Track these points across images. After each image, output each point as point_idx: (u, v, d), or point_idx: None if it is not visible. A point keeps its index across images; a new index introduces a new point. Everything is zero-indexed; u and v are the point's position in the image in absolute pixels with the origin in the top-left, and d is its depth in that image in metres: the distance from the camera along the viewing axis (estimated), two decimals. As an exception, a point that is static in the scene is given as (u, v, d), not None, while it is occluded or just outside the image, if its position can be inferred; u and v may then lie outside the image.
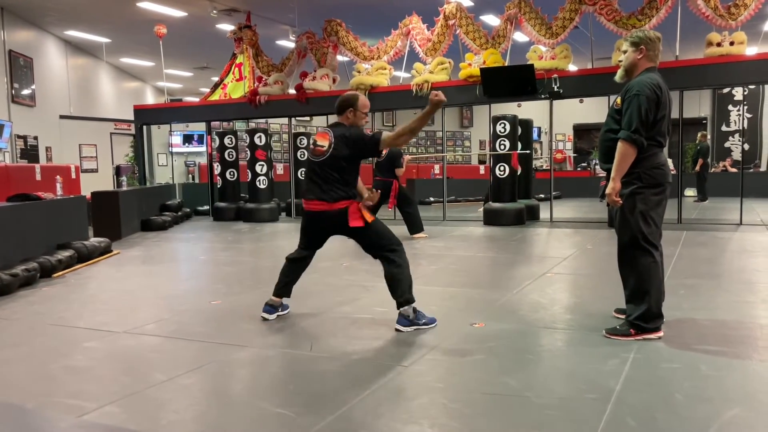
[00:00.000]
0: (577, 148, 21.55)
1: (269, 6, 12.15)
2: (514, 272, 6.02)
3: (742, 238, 7.74)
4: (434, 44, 10.73)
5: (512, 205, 10.09)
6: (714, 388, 2.81)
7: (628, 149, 3.39)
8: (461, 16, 10.51)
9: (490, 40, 10.33)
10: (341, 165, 3.91)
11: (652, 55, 3.56)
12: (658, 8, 9.10)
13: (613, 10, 9.36)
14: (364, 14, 12.39)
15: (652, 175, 3.46)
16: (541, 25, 9.89)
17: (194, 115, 13.58)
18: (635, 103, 3.38)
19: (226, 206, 12.22)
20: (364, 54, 11.50)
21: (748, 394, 2.75)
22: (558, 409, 2.60)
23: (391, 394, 2.82)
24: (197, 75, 19.09)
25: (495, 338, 3.63)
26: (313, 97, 11.67)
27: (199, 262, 7.41)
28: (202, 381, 3.11)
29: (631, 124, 3.37)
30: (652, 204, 3.49)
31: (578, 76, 10.19)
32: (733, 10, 8.71)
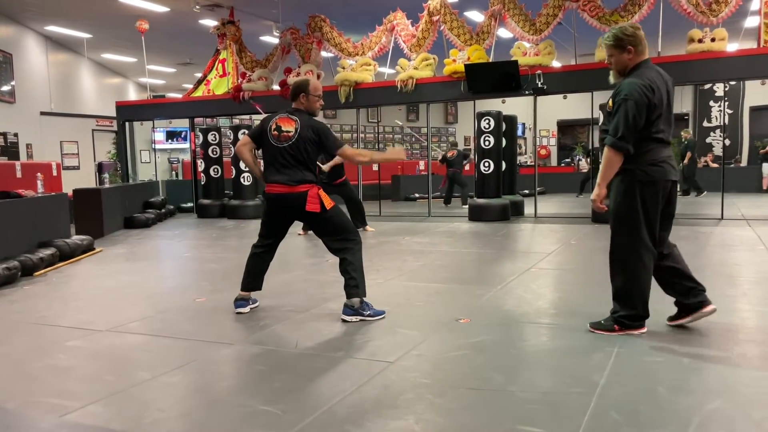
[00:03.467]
0: (561, 144, 21.68)
1: (253, 1, 12.06)
2: (499, 268, 6.05)
3: (723, 233, 7.84)
4: (419, 40, 10.74)
5: (497, 201, 10.13)
6: (696, 381, 2.85)
7: (613, 156, 3.30)
8: (445, 12, 10.52)
9: (474, 36, 10.35)
10: (306, 149, 4.02)
11: (641, 48, 3.40)
12: (640, 5, 9.18)
13: (596, 6, 9.43)
14: (348, 10, 12.35)
15: (648, 173, 3.33)
16: (524, 21, 9.93)
17: (177, 112, 13.47)
18: (623, 109, 3.26)
19: (210, 203, 12.15)
20: (349, 50, 11.47)
21: (729, 387, 2.79)
22: (543, 403, 2.62)
23: (377, 390, 2.83)
24: (180, 71, 18.93)
25: (480, 334, 3.65)
26: (298, 93, 11.59)
27: (183, 260, 7.36)
28: (186, 379, 3.09)
29: (617, 131, 3.26)
30: (647, 204, 3.36)
31: (562, 72, 10.25)
32: (714, 7, 8.80)
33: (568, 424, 2.40)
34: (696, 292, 3.52)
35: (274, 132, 4.08)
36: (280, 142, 4.04)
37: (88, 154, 15.96)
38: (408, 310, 4.27)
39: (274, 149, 4.07)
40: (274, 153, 4.07)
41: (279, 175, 4.03)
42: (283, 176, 4.02)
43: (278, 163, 4.04)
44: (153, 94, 16.98)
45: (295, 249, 7.69)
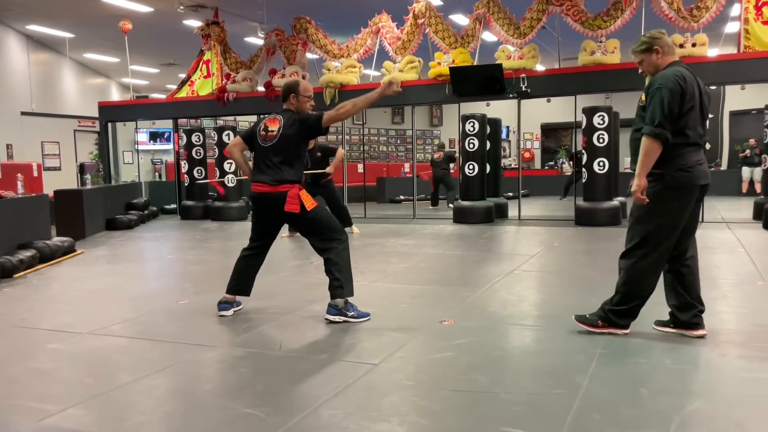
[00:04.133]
0: (545, 147, 21.83)
1: (237, 2, 12.01)
2: (483, 270, 6.07)
3: (703, 236, 7.92)
4: (404, 43, 10.76)
5: (481, 203, 10.17)
6: (677, 382, 2.88)
7: (652, 144, 3.25)
8: (430, 15, 10.55)
9: (459, 39, 10.39)
10: (289, 147, 4.03)
11: (668, 49, 3.43)
12: (623, 9, 9.28)
13: (580, 11, 9.51)
14: (334, 12, 12.34)
15: (676, 178, 3.28)
16: (509, 25, 9.99)
17: (161, 113, 13.37)
18: (657, 97, 3.26)
19: (193, 205, 12.05)
20: (334, 52, 11.46)
21: (709, 387, 2.83)
22: (526, 404, 2.64)
23: (361, 393, 2.82)
24: (164, 71, 18.79)
25: (464, 335, 3.66)
26: (283, 94, 11.56)
27: (166, 262, 7.30)
28: (169, 382, 3.06)
29: (654, 119, 3.24)
30: (673, 210, 3.33)
31: (546, 75, 10.32)
32: (695, 13, 8.92)
33: (551, 426, 2.41)
34: (695, 312, 3.46)
35: (261, 132, 4.12)
36: (265, 142, 4.08)
37: (69, 155, 15.78)
38: (392, 312, 4.27)
39: (260, 149, 4.10)
40: (260, 153, 4.10)
41: (262, 175, 4.05)
42: (265, 176, 4.03)
43: (263, 163, 4.07)
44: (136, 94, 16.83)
45: (280, 251, 7.66)
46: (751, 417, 2.47)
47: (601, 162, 9.28)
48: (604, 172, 9.30)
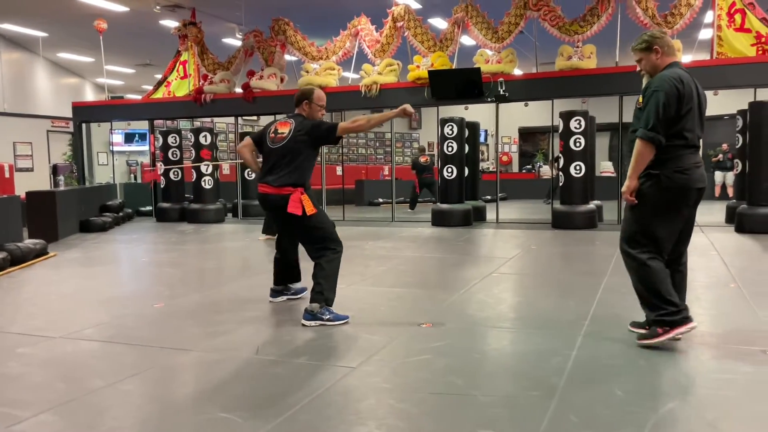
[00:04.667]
0: (522, 150, 22.01)
1: (215, 3, 11.92)
2: (461, 272, 6.09)
3: (677, 239, 8.04)
4: (383, 46, 10.77)
5: (460, 207, 10.21)
6: (652, 384, 2.91)
7: (645, 147, 3.23)
8: (409, 18, 10.58)
9: (437, 42, 10.44)
10: (297, 151, 4.06)
11: (668, 50, 3.39)
12: (599, 15, 9.40)
13: (557, 16, 9.61)
14: (312, 14, 12.31)
15: (672, 179, 3.25)
16: (487, 29, 10.06)
17: (136, 113, 13.21)
18: (653, 100, 3.23)
19: (169, 207, 11.92)
20: (313, 54, 11.43)
21: (683, 389, 2.86)
22: (503, 407, 2.64)
23: (339, 396, 2.81)
24: (140, 72, 18.57)
25: (442, 338, 3.66)
26: (261, 96, 11.52)
27: (141, 264, 7.20)
28: (143, 386, 3.01)
29: (649, 122, 3.21)
30: (669, 212, 3.29)
31: (523, 80, 10.40)
32: (670, 19, 9.07)
33: (527, 428, 2.42)
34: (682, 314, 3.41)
35: (271, 134, 4.19)
36: (274, 144, 4.12)
37: (42, 156, 15.49)
38: (371, 315, 4.26)
39: (269, 150, 4.16)
40: (268, 154, 4.17)
41: (268, 176, 4.11)
42: (271, 177, 4.09)
43: (270, 163, 4.12)
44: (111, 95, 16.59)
45: (257, 253, 7.61)
46: (724, 417, 2.51)
47: (577, 166, 9.38)
48: (580, 175, 9.40)
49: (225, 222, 11.57)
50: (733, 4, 8.74)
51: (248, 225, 10.93)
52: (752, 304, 4.34)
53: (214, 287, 5.50)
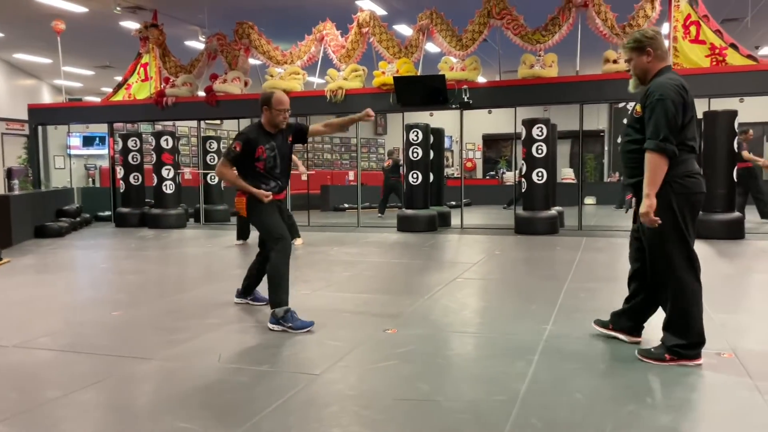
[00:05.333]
0: (486, 157, 22.26)
1: (177, 5, 11.75)
2: (426, 278, 6.11)
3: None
4: (348, 51, 10.78)
5: (425, 212, 10.26)
6: (612, 387, 2.97)
7: (659, 160, 3.03)
8: (374, 24, 10.61)
9: (402, 49, 10.49)
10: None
11: (660, 53, 3.21)
12: (560, 25, 9.58)
13: (519, 25, 9.77)
14: (277, 18, 12.24)
15: (684, 184, 3.09)
16: (451, 36, 10.16)
17: (95, 116, 12.92)
18: (660, 109, 3.03)
19: (129, 212, 11.67)
20: (277, 58, 11.37)
21: (642, 391, 2.92)
22: (467, 412, 2.66)
23: (302, 404, 2.78)
24: (99, 74, 18.17)
25: (407, 344, 3.66)
26: (224, 99, 11.39)
27: (99, 271, 7.02)
28: (100, 396, 2.93)
29: (659, 133, 3.02)
30: (686, 218, 3.12)
31: (487, 87, 10.53)
32: (628, 30, 9.29)
33: (491, 432, 2.43)
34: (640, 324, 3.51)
35: None
36: None
37: (-5, 159, 15.03)
38: (335, 321, 4.24)
39: None
40: None
41: None
42: None
43: None
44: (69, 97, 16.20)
45: (220, 259, 7.50)
46: (682, 419, 2.56)
47: (539, 172, 9.52)
48: (542, 182, 9.54)
49: (187, 227, 11.38)
50: (688, 17, 9.01)
51: (210, 230, 10.78)
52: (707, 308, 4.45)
53: (175, 294, 5.39)
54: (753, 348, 3.53)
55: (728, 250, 7.42)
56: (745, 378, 3.00)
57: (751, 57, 8.92)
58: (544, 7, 9.68)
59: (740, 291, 5.37)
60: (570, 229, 9.97)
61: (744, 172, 9.85)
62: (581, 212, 10.30)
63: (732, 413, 2.65)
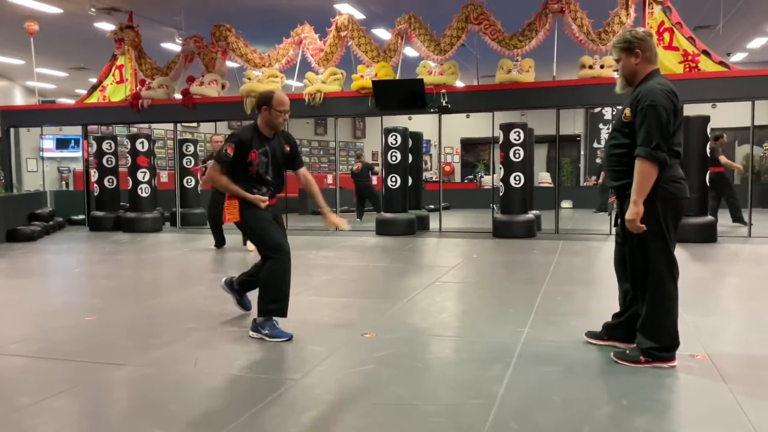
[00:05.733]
0: (464, 161, 22.37)
1: (153, 7, 11.62)
2: (405, 281, 6.11)
3: (611, 248, 8.28)
4: (326, 54, 10.76)
5: (403, 216, 10.27)
6: (588, 389, 2.99)
7: (650, 168, 3.00)
8: (353, 28, 10.61)
9: (381, 53, 10.51)
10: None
11: (650, 55, 3.17)
12: (537, 30, 9.68)
13: (497, 30, 9.85)
14: (255, 21, 12.18)
15: (669, 189, 3.09)
16: (430, 41, 10.20)
17: (69, 118, 12.72)
18: (652, 115, 2.99)
19: (103, 215, 11.50)
20: (255, 61, 11.31)
21: (618, 393, 2.95)
22: (445, 415, 2.66)
23: (280, 409, 2.75)
24: (73, 76, 17.89)
25: (385, 348, 3.66)
26: (201, 102, 11.29)
27: (73, 276, 6.90)
28: (73, 403, 2.88)
29: (651, 140, 2.99)
30: (669, 222, 3.12)
31: (465, 92, 10.60)
32: (603, 36, 9.43)
33: (469, 436, 2.44)
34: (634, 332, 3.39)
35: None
36: None
37: (-35, 162, 14.68)
38: (313, 326, 4.22)
39: None
40: None
41: None
42: None
43: None
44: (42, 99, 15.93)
45: (197, 264, 7.42)
46: (657, 420, 2.59)
47: (517, 176, 9.59)
48: (519, 186, 9.62)
49: (163, 231, 11.25)
50: (662, 23, 9.16)
51: (187, 234, 10.66)
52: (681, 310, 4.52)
53: (150, 299, 5.32)
54: (726, 350, 3.59)
55: (701, 253, 7.55)
56: (718, 379, 3.04)
57: (723, 63, 9.10)
58: (521, 12, 9.77)
59: (713, 293, 5.46)
60: (547, 233, 10.05)
61: (716, 177, 10.04)
62: (558, 216, 10.40)
63: (706, 414, 2.69)
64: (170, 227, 11.82)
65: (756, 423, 2.52)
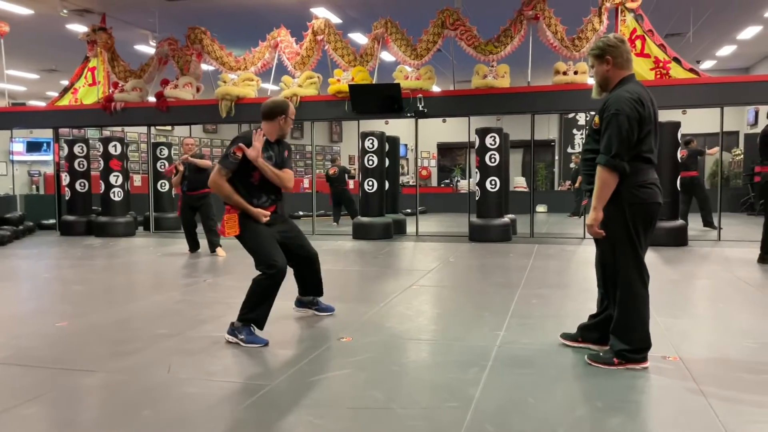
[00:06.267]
0: (441, 165, 22.48)
1: (127, 9, 11.49)
2: (382, 285, 6.11)
3: (585, 251, 8.44)
4: (303, 58, 10.74)
5: (380, 220, 10.28)
6: (563, 391, 3.02)
7: (608, 176, 3.07)
8: (329, 32, 10.61)
9: (358, 57, 10.52)
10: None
11: (621, 62, 3.21)
12: (512, 37, 9.78)
13: (473, 36, 9.92)
14: (230, 24, 12.11)
15: (638, 194, 3.13)
16: (406, 46, 10.24)
17: (40, 121, 12.49)
18: (614, 124, 3.05)
19: (75, 220, 11.31)
20: (230, 64, 11.23)
21: (592, 395, 2.98)
22: (421, 419, 2.66)
23: (256, 415, 2.73)
24: (44, 78, 17.59)
25: (362, 352, 3.65)
26: (175, 105, 11.18)
27: (43, 281, 6.76)
28: (43, 410, 2.82)
29: (611, 148, 3.05)
30: (637, 226, 3.16)
31: (441, 96, 10.65)
32: (577, 43, 9.56)
33: (445, 439, 2.44)
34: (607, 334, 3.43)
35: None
36: None
37: (-69, 165, 14.34)
38: (289, 330, 4.19)
39: None
40: None
41: None
42: None
43: None
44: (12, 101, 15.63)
45: (170, 268, 7.33)
46: (630, 421, 2.62)
47: (492, 181, 9.66)
48: (495, 190, 9.69)
49: (136, 236, 11.09)
50: (634, 31, 9.32)
51: (160, 239, 10.53)
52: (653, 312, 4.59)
53: (122, 304, 5.24)
54: (696, 351, 3.65)
55: (672, 257, 7.68)
56: (689, 381, 3.09)
57: (693, 71, 9.29)
58: (497, 19, 9.87)
59: (684, 296, 5.56)
60: (522, 237, 10.14)
61: (688, 181, 10.24)
62: (533, 220, 10.50)
63: (678, 415, 2.73)
64: (144, 231, 11.67)
65: (726, 423, 2.56)
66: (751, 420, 2.63)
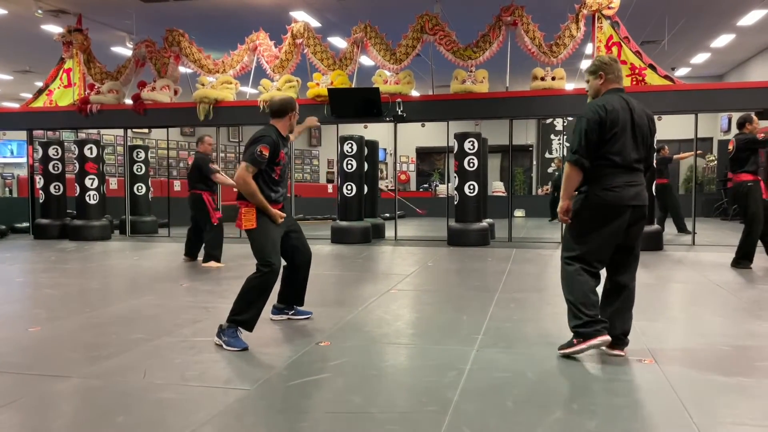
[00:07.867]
0: (420, 169, 22.55)
1: (103, 10, 11.35)
2: (360, 290, 6.10)
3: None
4: (282, 62, 10.71)
5: (359, 224, 10.27)
6: (540, 394, 3.03)
7: (570, 170, 3.50)
8: (309, 36, 10.59)
9: (337, 61, 10.51)
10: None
11: (612, 77, 3.65)
12: (491, 42, 9.85)
13: (452, 41, 9.98)
14: (209, 26, 12.04)
15: (601, 196, 3.46)
16: (385, 50, 10.27)
17: (13, 123, 12.29)
18: (578, 126, 3.50)
19: (49, 223, 11.13)
20: (209, 66, 11.16)
21: (569, 398, 3.00)
22: (400, 423, 2.65)
23: (232, 420, 2.70)
24: (18, 79, 17.30)
25: (340, 356, 3.64)
26: (152, 108, 11.06)
27: (16, 285, 6.63)
28: (14, 418, 2.75)
29: (573, 146, 3.49)
30: (592, 225, 3.49)
31: (420, 101, 10.69)
32: (555, 49, 9.67)
33: (424, 443, 2.44)
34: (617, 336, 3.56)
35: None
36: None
37: None
38: (268, 334, 4.16)
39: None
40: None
41: None
42: None
43: None
44: (-16, 102, 15.33)
45: (146, 272, 7.23)
46: (606, 424, 2.65)
47: (471, 185, 9.71)
48: (473, 194, 9.74)
49: (111, 239, 10.94)
50: (610, 37, 9.45)
51: (136, 242, 10.40)
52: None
53: (97, 308, 5.15)
54: (671, 354, 3.70)
55: (648, 261, 7.78)
56: (664, 383, 3.13)
57: (668, 77, 9.44)
58: (476, 24, 9.94)
59: (659, 299, 5.63)
60: (500, 241, 10.21)
61: (659, 188, 10.40)
62: (511, 224, 10.57)
63: (653, 417, 2.77)
64: (119, 235, 11.51)
65: (700, 424, 2.60)
66: (724, 421, 2.67)
